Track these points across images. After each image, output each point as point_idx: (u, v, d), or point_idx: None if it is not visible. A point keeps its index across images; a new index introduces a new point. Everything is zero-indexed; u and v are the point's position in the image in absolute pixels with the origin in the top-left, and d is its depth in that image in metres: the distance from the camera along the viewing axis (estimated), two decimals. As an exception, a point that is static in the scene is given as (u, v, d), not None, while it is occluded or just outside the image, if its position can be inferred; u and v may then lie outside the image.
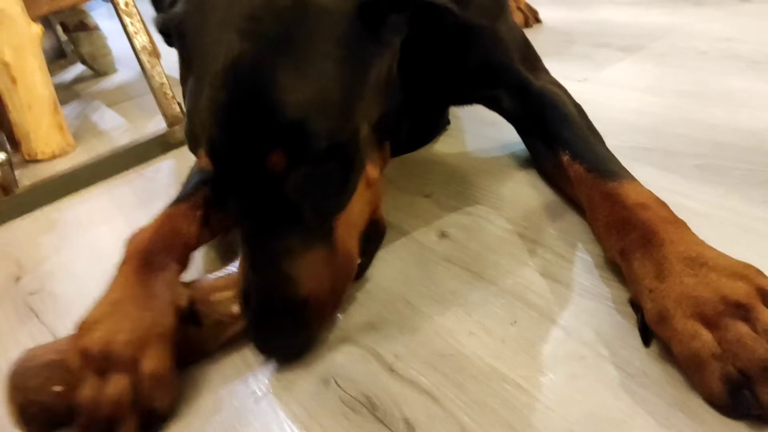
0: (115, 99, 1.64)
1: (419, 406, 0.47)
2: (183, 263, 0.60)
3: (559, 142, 0.66)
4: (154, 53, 1.09)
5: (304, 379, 0.53)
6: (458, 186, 0.78)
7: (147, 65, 1.10)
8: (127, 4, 1.05)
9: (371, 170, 0.56)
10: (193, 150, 0.51)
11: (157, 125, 1.20)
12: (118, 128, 1.36)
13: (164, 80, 1.11)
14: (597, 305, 0.53)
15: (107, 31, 1.92)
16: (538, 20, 1.41)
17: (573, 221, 0.65)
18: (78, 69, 2.10)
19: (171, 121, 1.12)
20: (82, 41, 1.86)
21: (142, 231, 0.61)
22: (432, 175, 0.82)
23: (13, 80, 1.17)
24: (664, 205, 0.54)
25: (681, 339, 0.43)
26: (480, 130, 0.93)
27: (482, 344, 0.52)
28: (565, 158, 0.64)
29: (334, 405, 0.49)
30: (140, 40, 1.08)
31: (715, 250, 0.49)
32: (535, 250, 0.62)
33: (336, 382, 0.51)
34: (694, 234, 0.51)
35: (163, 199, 0.92)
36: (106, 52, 1.88)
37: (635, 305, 0.50)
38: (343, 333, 0.57)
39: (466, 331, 0.53)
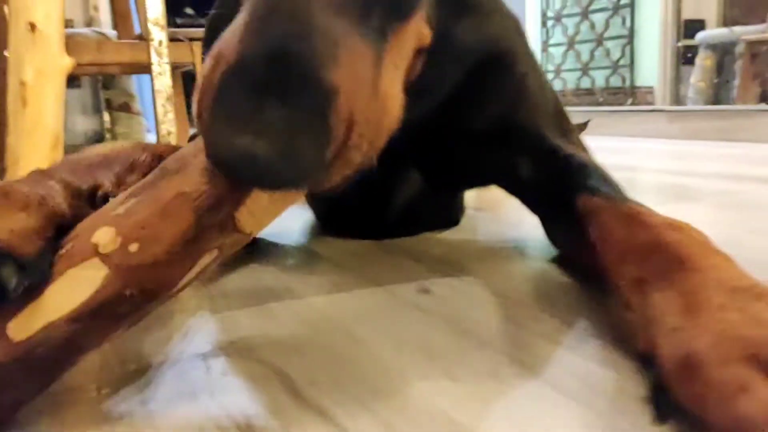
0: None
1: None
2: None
3: (578, 189, 0.53)
4: (171, 98, 1.04)
5: (184, 384, 0.36)
6: (452, 256, 0.64)
7: (160, 109, 1.04)
8: (160, 43, 1.02)
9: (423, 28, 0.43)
10: None
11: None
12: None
13: (173, 130, 1.05)
14: (599, 370, 0.36)
15: (147, 120, 1.94)
16: None
17: (577, 298, 0.50)
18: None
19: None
20: (121, 121, 1.88)
21: None
22: (427, 247, 0.69)
23: (24, 102, 1.12)
24: (702, 233, 0.40)
25: (719, 395, 0.27)
26: (495, 230, 0.80)
27: (440, 389, 0.35)
28: (583, 197, 0.51)
29: (203, 420, 0.32)
30: (162, 82, 1.04)
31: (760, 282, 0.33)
32: (528, 315, 0.46)
33: (219, 398, 0.35)
34: (742, 269, 0.36)
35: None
36: (140, 137, 1.89)
37: (648, 358, 0.33)
38: (256, 352, 0.41)
39: (422, 373, 0.37)
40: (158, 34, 1.03)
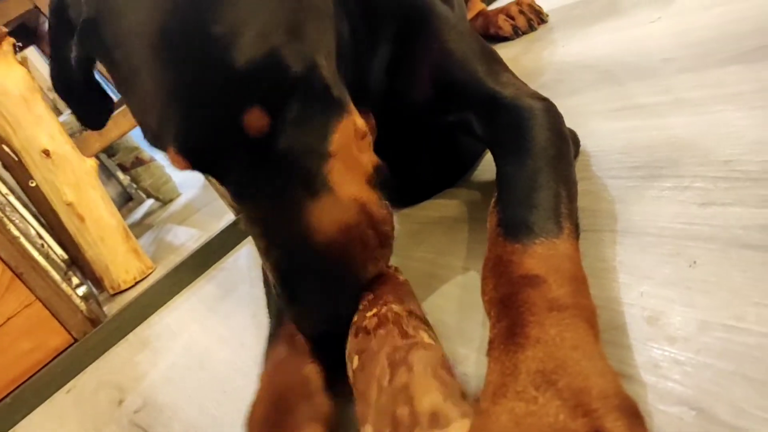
0: (184, 216, 1.64)
1: None
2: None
3: (499, 179, 0.50)
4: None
5: None
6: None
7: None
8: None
9: (357, 118, 0.50)
10: (161, 148, 0.45)
11: (227, 220, 1.16)
12: (191, 238, 1.34)
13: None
14: None
15: (162, 160, 1.97)
16: (543, 20, 1.25)
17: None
18: (146, 206, 2.16)
19: (239, 210, 1.07)
20: (142, 175, 1.91)
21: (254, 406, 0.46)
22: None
23: (81, 218, 1.17)
24: (571, 280, 0.37)
25: None
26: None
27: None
28: (492, 201, 0.48)
29: None
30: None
31: (589, 356, 0.32)
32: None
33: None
34: (584, 329, 0.34)
35: (247, 284, 0.86)
36: (166, 179, 1.92)
37: None
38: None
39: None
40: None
